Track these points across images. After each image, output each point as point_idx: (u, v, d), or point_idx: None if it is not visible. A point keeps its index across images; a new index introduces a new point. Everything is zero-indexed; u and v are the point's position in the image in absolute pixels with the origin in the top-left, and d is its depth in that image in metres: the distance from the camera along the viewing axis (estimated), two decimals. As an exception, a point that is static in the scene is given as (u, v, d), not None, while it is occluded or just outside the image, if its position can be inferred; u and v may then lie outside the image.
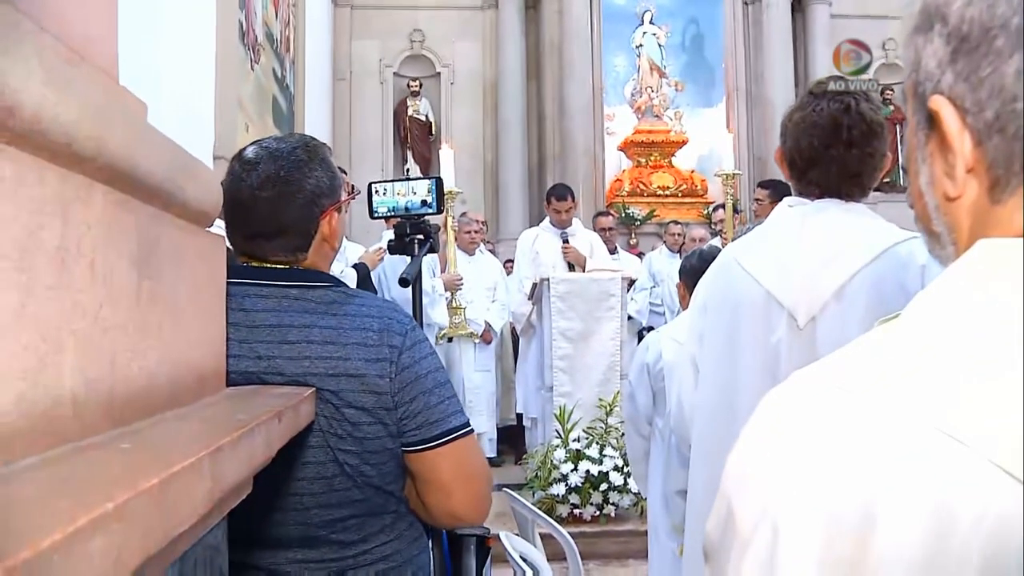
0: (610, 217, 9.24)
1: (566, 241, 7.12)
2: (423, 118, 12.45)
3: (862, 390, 0.67)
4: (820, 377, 0.72)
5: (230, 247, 1.81)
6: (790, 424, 0.70)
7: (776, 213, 2.37)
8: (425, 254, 3.03)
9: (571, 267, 7.06)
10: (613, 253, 8.35)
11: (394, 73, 12.52)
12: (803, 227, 2.24)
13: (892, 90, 12.91)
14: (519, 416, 7.79)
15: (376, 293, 6.18)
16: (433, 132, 12.46)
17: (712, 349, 2.36)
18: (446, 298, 7.13)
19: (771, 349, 2.20)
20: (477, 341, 7.84)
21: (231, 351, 1.66)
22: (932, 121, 0.77)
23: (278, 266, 1.87)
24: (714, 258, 2.54)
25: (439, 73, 12.58)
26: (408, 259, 3.04)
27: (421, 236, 3.01)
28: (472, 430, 1.89)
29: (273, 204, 1.84)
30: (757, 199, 6.87)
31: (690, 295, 3.86)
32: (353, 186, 5.87)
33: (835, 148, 2.23)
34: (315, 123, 9.98)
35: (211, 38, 5.85)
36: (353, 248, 6.41)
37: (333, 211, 1.94)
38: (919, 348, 0.68)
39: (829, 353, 2.29)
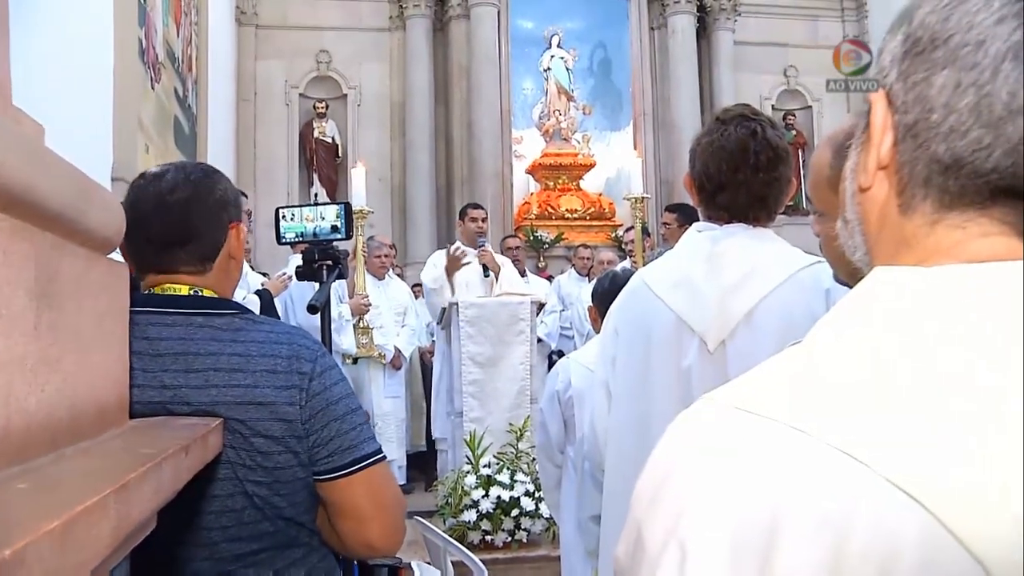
0: (516, 239, 9.29)
1: (483, 246, 7.14)
2: (330, 140, 12.37)
3: (765, 412, 0.69)
4: (725, 399, 0.74)
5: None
6: (696, 446, 0.71)
7: (686, 238, 2.41)
8: (334, 280, 3.00)
9: (486, 271, 7.08)
10: (523, 276, 8.39)
11: (300, 94, 12.42)
12: (712, 252, 2.28)
13: (794, 115, 13.29)
14: (429, 441, 7.75)
15: (281, 320, 6.09)
16: (340, 154, 12.38)
17: (624, 373, 2.38)
18: (352, 322, 7.06)
19: (683, 373, 2.23)
20: (385, 364, 7.78)
21: (135, 381, 1.62)
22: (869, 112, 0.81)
23: (182, 287, 1.84)
24: (626, 281, 2.56)
25: (346, 95, 12.52)
26: (316, 285, 3.00)
27: (330, 262, 2.98)
28: (384, 457, 1.88)
29: (184, 206, 1.84)
30: (665, 223, 6.98)
31: (602, 319, 3.87)
32: (250, 212, 5.72)
33: (742, 172, 2.27)
34: (219, 145, 9.84)
35: (108, 56, 5.70)
36: (255, 277, 6.31)
37: (240, 225, 1.94)
38: (818, 373, 0.70)
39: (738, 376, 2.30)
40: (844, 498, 0.62)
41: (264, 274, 6.96)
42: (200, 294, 1.85)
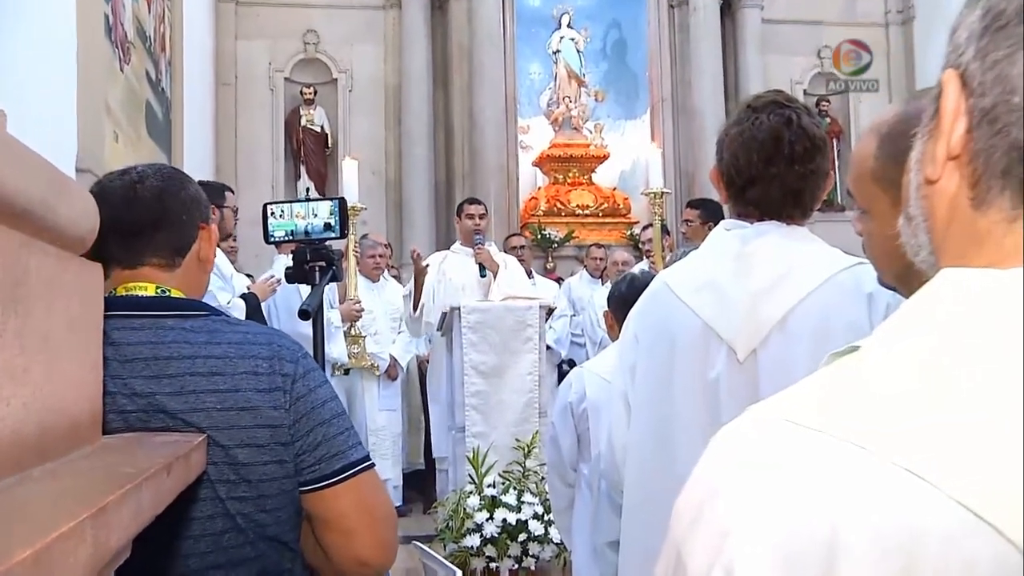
0: (520, 236, 9.28)
1: (480, 244, 7.14)
2: (318, 129, 12.37)
3: (819, 426, 0.68)
4: (774, 412, 0.73)
5: None
6: (743, 462, 0.71)
7: (713, 237, 2.40)
8: (328, 283, 3.00)
9: (483, 271, 7.07)
10: (529, 277, 8.38)
11: (285, 78, 12.42)
12: (741, 252, 2.27)
13: (828, 101, 13.25)
14: (428, 459, 7.74)
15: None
16: (329, 145, 12.38)
17: (645, 385, 2.37)
18: (343, 329, 7.06)
19: (709, 385, 2.22)
20: (379, 375, 7.78)
21: (103, 389, 1.62)
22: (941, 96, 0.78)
23: (148, 287, 1.86)
24: (646, 285, 2.56)
25: (336, 79, 12.52)
26: (301, 289, 3.00)
27: (323, 263, 2.98)
28: (373, 464, 1.90)
29: (157, 192, 1.88)
30: (687, 220, 6.96)
31: (619, 325, 3.88)
32: (236, 208, 5.72)
33: (776, 165, 2.26)
34: (196, 133, 9.83)
35: (71, 33, 5.64)
36: (240, 280, 6.30)
37: (212, 227, 1.98)
38: (875, 384, 0.69)
39: (772, 388, 2.32)
40: (912, 521, 0.61)
41: (249, 276, 6.95)
42: (168, 295, 1.87)
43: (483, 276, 7.08)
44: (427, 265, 7.10)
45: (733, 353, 2.21)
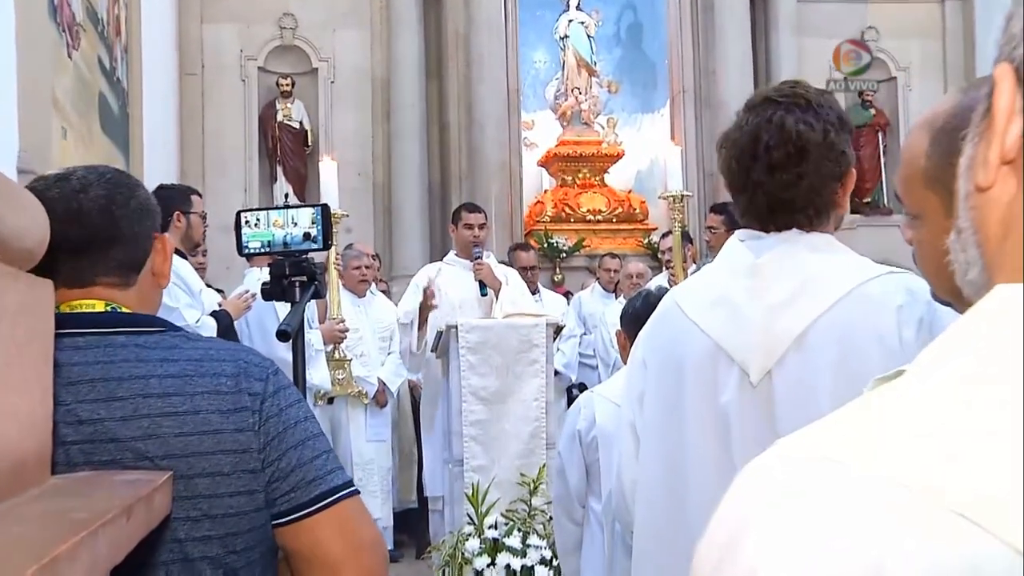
0: (531, 252, 9.21)
1: (479, 257, 7.11)
2: (296, 125, 12.40)
3: (860, 463, 0.67)
4: (809, 446, 0.72)
5: None
6: (772, 500, 0.70)
7: (726, 249, 2.42)
8: (309, 300, 3.00)
9: (483, 289, 7.05)
10: (534, 294, 8.36)
11: (259, 68, 12.46)
12: (755, 264, 2.28)
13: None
14: (422, 496, 7.73)
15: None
16: (309, 143, 12.41)
17: (654, 414, 2.38)
18: (325, 351, 7.05)
19: (720, 411, 2.23)
20: (367, 403, 7.77)
21: (45, 418, 1.61)
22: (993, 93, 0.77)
23: (96, 303, 1.84)
24: (660, 300, 2.57)
25: (316, 69, 12.56)
26: (277, 307, 3.00)
27: (304, 278, 2.98)
28: (357, 490, 1.88)
29: (104, 204, 1.85)
30: (710, 227, 6.96)
31: (632, 346, 3.88)
32: (204, 214, 5.72)
33: (755, 171, 2.28)
34: (157, 129, 9.82)
35: (8, 14, 5.49)
36: (210, 295, 6.29)
37: (166, 238, 1.97)
38: (921, 415, 0.69)
39: (789, 414, 2.31)
40: (962, 563, 0.61)
41: (220, 291, 6.94)
42: (118, 310, 1.85)
43: (484, 295, 7.05)
44: (435, 305, 7.03)
45: (746, 376, 2.21)
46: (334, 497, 1.81)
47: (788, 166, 2.24)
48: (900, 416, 0.70)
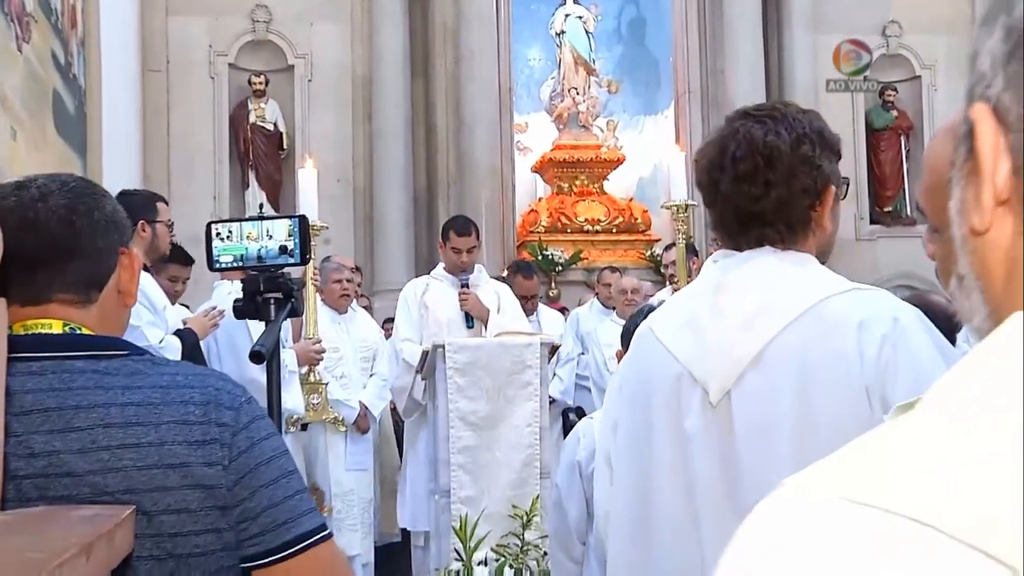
0: (535, 279, 9.00)
1: (465, 286, 7.10)
2: (270, 126, 12.41)
3: (877, 503, 0.68)
4: (819, 485, 0.73)
5: None
6: (786, 548, 0.70)
7: (703, 267, 2.50)
8: (285, 319, 3.00)
9: (469, 321, 7.04)
10: (531, 314, 8.32)
11: (229, 64, 12.48)
12: (721, 284, 2.36)
13: (895, 89, 13.26)
14: (404, 531, 7.72)
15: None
16: (284, 146, 12.41)
17: (624, 442, 2.45)
18: (299, 373, 7.02)
19: (684, 436, 2.29)
20: (344, 430, 7.74)
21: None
22: (973, 135, 0.79)
23: (53, 324, 1.83)
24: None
25: (292, 66, 12.58)
26: (251, 325, 3.00)
27: (279, 295, 2.97)
28: (331, 533, 1.88)
29: (65, 214, 1.83)
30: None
31: (621, 370, 3.91)
32: (171, 223, 5.69)
33: (723, 183, 2.35)
34: (118, 131, 9.78)
35: None
36: (175, 312, 6.26)
37: (133, 252, 1.95)
38: (928, 450, 0.69)
39: (747, 434, 2.38)
40: None
41: (186, 307, 6.92)
42: (78, 332, 1.84)
43: (470, 327, 7.04)
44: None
45: (707, 397, 2.27)
46: (307, 543, 1.81)
47: (755, 177, 2.31)
48: (905, 451, 0.71)
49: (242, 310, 3.07)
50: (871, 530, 0.67)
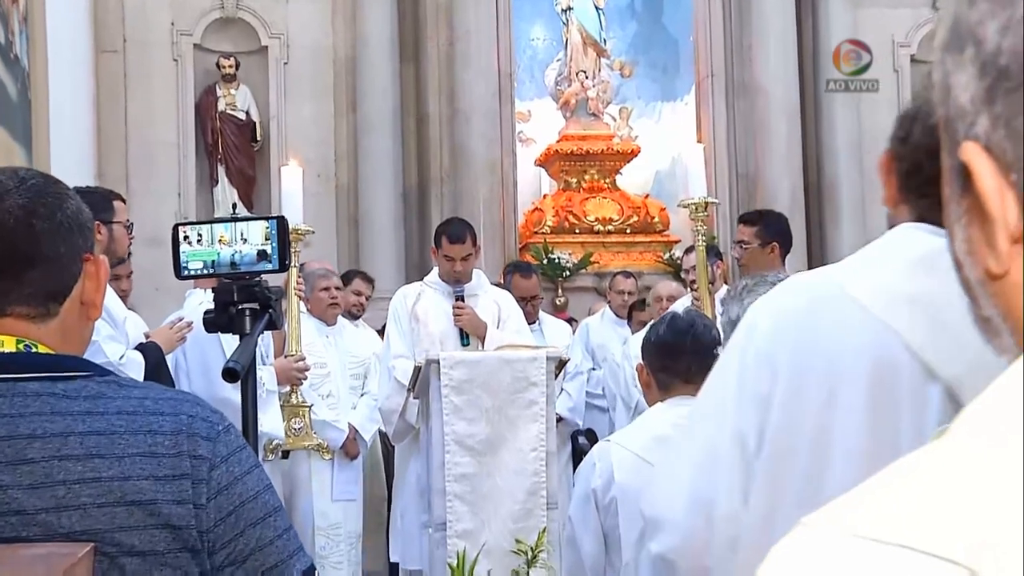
0: (534, 279, 9.02)
1: (460, 298, 7.09)
2: (242, 115, 12.42)
3: (890, 538, 0.71)
4: (832, 523, 0.76)
5: None
6: None
7: (901, 238, 2.22)
8: (262, 332, 2.99)
9: (464, 338, 7.03)
10: (533, 323, 8.30)
11: (195, 45, 12.47)
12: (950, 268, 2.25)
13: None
14: (393, 566, 7.72)
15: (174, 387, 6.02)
16: (258, 137, 12.42)
17: (791, 438, 2.22)
18: (279, 392, 7.01)
19: (907, 438, 2.12)
20: (329, 458, 7.72)
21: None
22: (966, 172, 0.82)
23: (5, 340, 1.81)
24: (691, 327, 2.54)
25: (266, 47, 12.58)
26: (223, 339, 2.99)
27: (255, 305, 2.97)
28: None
29: (23, 215, 1.81)
30: (740, 241, 6.89)
31: (657, 381, 3.87)
32: (130, 224, 5.69)
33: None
34: (67, 118, 9.72)
35: None
36: (135, 323, 6.24)
37: (100, 259, 1.93)
38: (970, 485, 0.72)
39: None
40: None
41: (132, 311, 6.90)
42: (34, 350, 1.82)
43: (465, 344, 7.02)
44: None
45: (955, 397, 2.10)
46: None
47: None
48: (924, 483, 0.74)
49: (213, 322, 3.06)
50: (882, 567, 0.70)
